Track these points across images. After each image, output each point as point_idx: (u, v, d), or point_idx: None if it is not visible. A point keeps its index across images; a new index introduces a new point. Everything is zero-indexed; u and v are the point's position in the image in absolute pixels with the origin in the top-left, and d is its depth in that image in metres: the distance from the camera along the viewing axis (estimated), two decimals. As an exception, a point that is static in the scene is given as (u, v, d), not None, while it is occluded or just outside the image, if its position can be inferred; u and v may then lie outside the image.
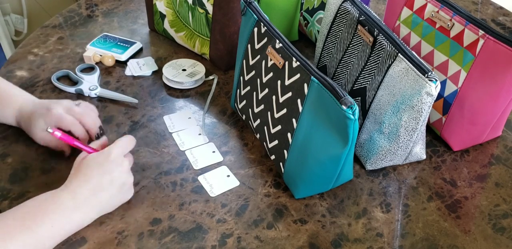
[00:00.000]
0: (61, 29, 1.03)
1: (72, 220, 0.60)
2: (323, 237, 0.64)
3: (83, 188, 0.60)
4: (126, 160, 0.64)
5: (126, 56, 0.94)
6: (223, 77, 0.91)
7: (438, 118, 0.77)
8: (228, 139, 0.78)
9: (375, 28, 0.70)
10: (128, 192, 0.66)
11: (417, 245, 0.63)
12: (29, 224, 0.56)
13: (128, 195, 0.66)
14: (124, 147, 0.64)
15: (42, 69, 0.91)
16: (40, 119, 0.70)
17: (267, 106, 0.70)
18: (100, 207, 0.62)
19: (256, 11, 0.70)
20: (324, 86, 0.59)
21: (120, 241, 0.62)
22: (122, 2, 1.13)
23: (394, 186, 0.71)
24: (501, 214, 0.68)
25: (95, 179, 0.61)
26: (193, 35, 0.93)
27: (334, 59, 0.80)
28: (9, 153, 0.74)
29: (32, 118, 0.71)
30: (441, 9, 0.73)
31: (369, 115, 0.71)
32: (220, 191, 0.70)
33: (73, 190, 0.60)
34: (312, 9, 0.94)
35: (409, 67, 0.64)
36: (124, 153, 0.64)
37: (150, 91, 0.87)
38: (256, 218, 0.66)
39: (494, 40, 0.66)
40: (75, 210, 0.60)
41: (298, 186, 0.67)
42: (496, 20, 1.11)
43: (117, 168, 0.62)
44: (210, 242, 0.63)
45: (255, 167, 0.74)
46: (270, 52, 0.68)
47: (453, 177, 0.73)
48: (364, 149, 0.73)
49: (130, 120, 0.81)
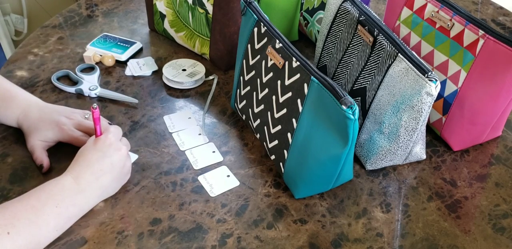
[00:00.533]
0: (61, 29, 1.03)
1: (76, 203, 0.62)
2: (323, 237, 0.64)
3: (85, 173, 0.63)
4: (123, 144, 0.68)
5: (126, 56, 0.94)
6: (223, 77, 0.91)
7: (438, 118, 0.77)
8: (228, 139, 0.78)
9: (375, 28, 0.70)
10: (128, 174, 0.69)
11: (417, 245, 0.63)
12: (33, 204, 0.58)
13: (127, 176, 0.69)
14: (116, 133, 0.68)
15: (42, 69, 0.91)
16: (47, 132, 0.71)
17: (267, 106, 0.70)
18: (102, 190, 0.65)
19: (256, 11, 0.70)
20: (324, 86, 0.59)
21: (120, 241, 0.62)
22: (122, 2, 1.13)
23: (394, 186, 0.71)
24: (501, 214, 0.68)
25: (96, 164, 0.63)
26: (193, 35, 0.93)
27: (334, 59, 0.80)
28: (9, 153, 0.74)
29: (38, 128, 0.71)
30: (441, 9, 0.73)
31: (369, 115, 0.71)
32: (220, 191, 0.70)
33: (76, 176, 0.62)
34: (312, 9, 0.94)
35: (409, 67, 0.64)
36: (118, 138, 0.68)
37: (150, 91, 0.87)
38: (256, 218, 0.66)
39: (494, 40, 0.66)
40: (79, 193, 0.62)
41: (298, 186, 0.67)
42: (496, 20, 1.11)
43: (116, 152, 0.65)
44: (210, 242, 0.63)
45: (255, 167, 0.74)
46: (270, 52, 0.68)
47: (453, 177, 0.73)
48: (364, 149, 0.73)
49: (130, 120, 0.81)
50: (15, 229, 0.55)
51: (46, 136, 0.71)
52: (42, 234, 0.58)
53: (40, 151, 0.71)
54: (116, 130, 0.68)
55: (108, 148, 0.65)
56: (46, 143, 0.71)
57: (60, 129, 0.71)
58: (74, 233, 0.63)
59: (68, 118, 0.72)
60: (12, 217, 0.56)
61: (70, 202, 0.61)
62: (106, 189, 0.65)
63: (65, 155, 0.73)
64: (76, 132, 0.71)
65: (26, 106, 0.73)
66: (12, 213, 0.56)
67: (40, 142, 0.71)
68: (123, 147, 0.67)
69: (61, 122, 0.71)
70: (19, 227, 0.56)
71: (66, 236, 0.62)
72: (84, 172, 0.63)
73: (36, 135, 0.71)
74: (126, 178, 0.69)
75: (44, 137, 0.71)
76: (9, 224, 0.55)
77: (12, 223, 0.55)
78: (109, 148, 0.65)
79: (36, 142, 0.71)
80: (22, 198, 0.59)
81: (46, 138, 0.71)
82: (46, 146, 0.72)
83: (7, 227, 0.55)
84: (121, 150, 0.66)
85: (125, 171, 0.68)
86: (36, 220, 0.57)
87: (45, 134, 0.71)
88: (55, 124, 0.71)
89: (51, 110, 0.73)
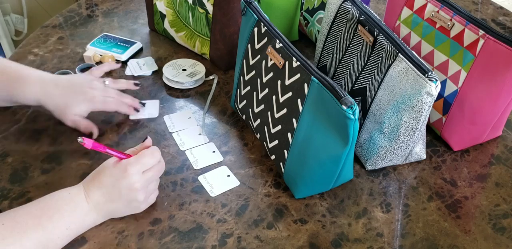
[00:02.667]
0: (61, 29, 1.03)
1: (85, 223, 0.61)
2: (323, 237, 0.64)
3: (95, 193, 0.61)
4: (142, 178, 0.61)
5: (126, 56, 0.94)
6: (223, 77, 0.91)
7: (438, 118, 0.77)
8: (228, 139, 0.78)
9: (375, 28, 0.70)
10: (138, 208, 0.64)
11: (417, 245, 0.63)
12: (45, 224, 0.57)
13: (138, 210, 0.64)
14: (143, 164, 0.61)
15: (42, 69, 0.91)
16: (80, 106, 0.73)
17: (267, 106, 0.70)
18: (109, 213, 0.63)
19: (256, 11, 0.70)
20: (324, 86, 0.59)
21: (120, 241, 0.62)
22: (122, 2, 1.13)
23: (394, 186, 0.71)
24: (501, 214, 0.68)
25: (105, 189, 0.61)
26: (193, 35, 0.93)
27: (334, 59, 0.80)
28: (9, 153, 0.74)
29: (68, 104, 0.73)
30: (441, 9, 0.73)
31: (369, 115, 0.71)
32: (220, 191, 0.70)
33: (87, 193, 0.61)
34: (312, 9, 0.94)
35: (409, 67, 0.64)
36: (142, 169, 0.61)
37: (150, 91, 0.87)
38: (256, 218, 0.66)
39: (494, 40, 0.66)
40: (89, 213, 0.61)
41: (298, 186, 0.67)
42: (496, 20, 1.11)
43: (128, 186, 0.60)
44: (210, 242, 0.63)
45: (255, 167, 0.74)
46: (270, 52, 0.68)
47: (453, 177, 0.73)
48: (364, 149, 0.73)
49: (130, 120, 0.81)
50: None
51: (81, 110, 0.74)
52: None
53: (84, 122, 0.74)
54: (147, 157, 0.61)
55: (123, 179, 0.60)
56: (82, 115, 0.75)
57: (93, 102, 0.74)
58: (74, 233, 0.63)
59: (92, 88, 0.74)
60: (21, 235, 0.55)
61: (80, 224, 0.60)
62: (113, 213, 0.63)
63: (66, 156, 0.73)
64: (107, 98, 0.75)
65: (42, 83, 0.73)
66: (22, 231, 0.55)
67: (77, 116, 0.74)
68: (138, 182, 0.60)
69: (89, 95, 0.74)
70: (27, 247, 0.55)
71: (66, 236, 0.62)
72: (95, 192, 0.61)
73: (70, 110, 0.73)
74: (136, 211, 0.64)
75: (79, 111, 0.74)
76: (17, 242, 0.55)
77: (21, 242, 0.55)
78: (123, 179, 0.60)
79: (74, 117, 0.74)
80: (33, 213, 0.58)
81: (81, 111, 0.74)
82: (84, 116, 0.75)
83: (15, 246, 0.54)
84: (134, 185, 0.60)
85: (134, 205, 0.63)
86: (45, 242, 0.57)
87: (79, 108, 0.73)
88: (84, 98, 0.74)
89: (69, 83, 0.74)
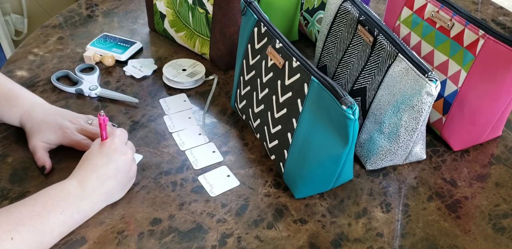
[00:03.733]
0: (61, 29, 1.03)
1: (81, 209, 0.61)
2: (323, 237, 0.64)
3: (90, 177, 0.62)
4: (129, 148, 0.66)
5: (126, 56, 0.94)
6: (223, 77, 0.91)
7: (438, 118, 0.77)
8: (228, 139, 0.78)
9: (375, 28, 0.70)
10: (133, 179, 0.68)
11: (417, 245, 0.63)
12: (39, 210, 0.58)
13: (132, 181, 0.68)
14: (122, 137, 0.67)
15: (42, 69, 0.91)
16: (50, 134, 0.71)
17: (267, 106, 0.70)
18: (107, 196, 0.64)
19: (256, 11, 0.70)
20: (324, 86, 0.59)
21: (120, 241, 0.62)
22: (122, 2, 1.13)
23: (394, 186, 0.71)
24: (501, 214, 0.68)
25: (101, 168, 0.63)
26: (193, 35, 0.93)
27: (334, 59, 0.80)
28: (9, 153, 0.74)
29: (41, 129, 0.71)
30: (441, 9, 0.73)
31: (369, 115, 0.71)
32: (220, 191, 0.70)
33: (81, 181, 0.62)
34: (312, 9, 0.94)
35: (409, 67, 0.64)
36: (124, 142, 0.67)
37: (150, 91, 0.87)
38: (256, 218, 0.66)
39: (494, 40, 0.66)
40: (84, 199, 0.61)
41: (298, 186, 0.67)
42: (496, 20, 1.11)
43: (121, 156, 0.64)
44: (210, 242, 0.63)
45: (255, 167, 0.74)
46: (270, 52, 0.68)
47: (453, 177, 0.73)
48: (364, 149, 0.73)
49: (130, 120, 0.81)
50: (19, 235, 0.55)
51: (48, 138, 0.71)
52: (45, 241, 0.58)
53: (42, 152, 0.70)
54: (122, 134, 0.67)
55: (114, 152, 0.64)
56: (48, 145, 0.71)
57: (63, 132, 0.71)
58: (74, 233, 0.62)
59: (71, 122, 0.72)
60: (17, 223, 0.55)
61: (75, 209, 0.60)
62: (111, 194, 0.65)
63: (66, 156, 0.73)
64: (78, 136, 0.71)
65: (30, 106, 0.73)
66: (17, 219, 0.56)
67: (42, 143, 0.71)
68: (129, 151, 0.66)
69: (64, 126, 0.71)
70: (23, 234, 0.55)
71: (66, 236, 0.62)
72: (89, 176, 0.62)
73: (38, 136, 0.71)
74: (131, 183, 0.68)
75: (47, 139, 0.71)
76: (14, 229, 0.55)
77: (17, 229, 0.55)
78: (114, 152, 0.64)
79: (38, 143, 0.71)
80: (27, 203, 0.58)
81: (48, 140, 0.71)
82: (48, 148, 0.72)
83: (11, 232, 0.54)
84: (127, 155, 0.65)
85: (131, 175, 0.67)
86: (41, 227, 0.57)
87: (48, 136, 0.71)
88: (58, 127, 0.71)
89: (55, 112, 0.73)
